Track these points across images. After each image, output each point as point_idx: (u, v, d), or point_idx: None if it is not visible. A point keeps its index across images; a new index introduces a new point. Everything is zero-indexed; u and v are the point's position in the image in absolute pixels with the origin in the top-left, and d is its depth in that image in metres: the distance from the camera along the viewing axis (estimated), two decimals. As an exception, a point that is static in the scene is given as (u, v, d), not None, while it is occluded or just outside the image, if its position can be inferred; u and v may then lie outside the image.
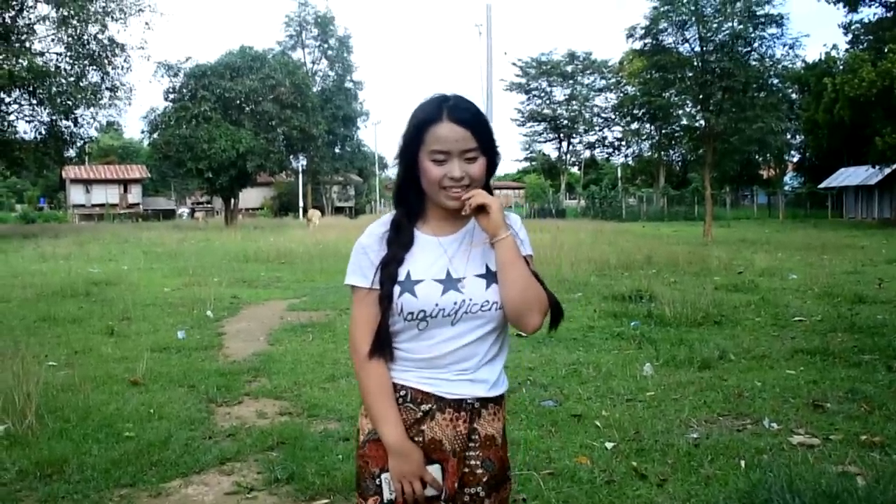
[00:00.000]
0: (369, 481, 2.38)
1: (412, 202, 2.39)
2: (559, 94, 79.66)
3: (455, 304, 2.29)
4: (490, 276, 2.31)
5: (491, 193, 2.34)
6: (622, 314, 10.72)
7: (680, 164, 69.92)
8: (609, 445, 5.28)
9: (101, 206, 67.56)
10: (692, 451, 5.11)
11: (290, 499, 4.58)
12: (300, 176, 63.78)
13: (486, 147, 2.32)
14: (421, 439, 2.33)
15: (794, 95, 49.49)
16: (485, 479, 2.37)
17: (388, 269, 2.32)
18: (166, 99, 46.69)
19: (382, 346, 2.34)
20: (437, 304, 2.28)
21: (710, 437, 5.45)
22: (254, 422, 6.12)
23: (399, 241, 2.35)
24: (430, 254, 2.35)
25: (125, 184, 71.15)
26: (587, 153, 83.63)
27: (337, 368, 7.83)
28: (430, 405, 2.34)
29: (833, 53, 51.56)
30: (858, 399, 6.35)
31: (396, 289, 2.30)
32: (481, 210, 2.25)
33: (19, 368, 6.39)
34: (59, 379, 7.21)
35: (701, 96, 31.41)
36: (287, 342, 9.43)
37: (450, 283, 2.30)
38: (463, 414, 2.34)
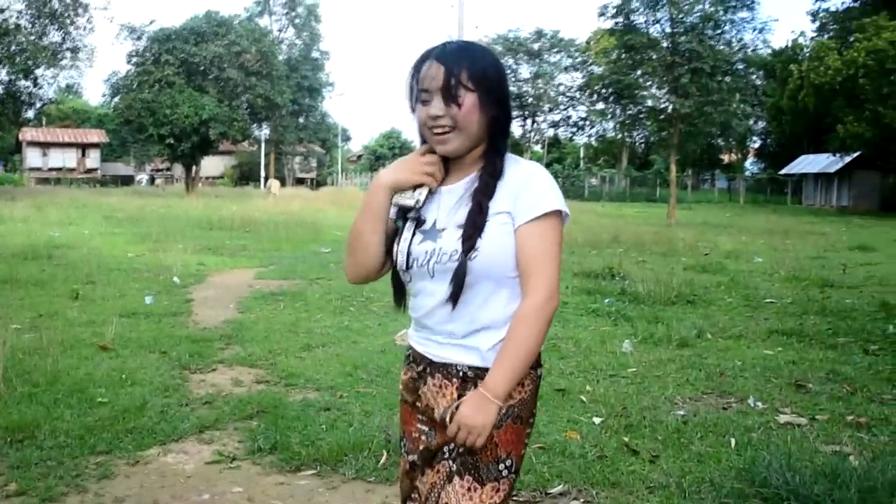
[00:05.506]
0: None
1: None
2: (525, 71, 79.41)
3: (426, 253, 2.11)
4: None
5: (501, 153, 2.15)
6: (595, 291, 10.66)
7: (643, 145, 70.20)
8: (597, 421, 5.20)
9: (59, 170, 66.17)
10: (681, 428, 5.06)
11: (274, 469, 4.44)
12: (262, 145, 63.09)
13: (477, 85, 2.06)
14: (420, 403, 2.22)
15: (758, 81, 49.61)
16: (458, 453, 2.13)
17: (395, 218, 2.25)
18: (129, 62, 45.80)
19: (396, 293, 2.27)
20: (410, 253, 2.13)
21: (697, 414, 5.40)
22: (230, 390, 5.96)
23: None
24: (433, 204, 2.17)
25: (83, 148, 69.81)
26: (551, 132, 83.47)
27: (312, 338, 7.69)
28: (422, 366, 2.20)
29: (800, 40, 51.66)
30: (839, 380, 6.35)
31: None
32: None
33: (-17, 330, 6.20)
34: (24, 342, 6.97)
35: (668, 78, 31.45)
36: (258, 310, 9.25)
37: (432, 233, 2.12)
38: (454, 381, 2.14)
